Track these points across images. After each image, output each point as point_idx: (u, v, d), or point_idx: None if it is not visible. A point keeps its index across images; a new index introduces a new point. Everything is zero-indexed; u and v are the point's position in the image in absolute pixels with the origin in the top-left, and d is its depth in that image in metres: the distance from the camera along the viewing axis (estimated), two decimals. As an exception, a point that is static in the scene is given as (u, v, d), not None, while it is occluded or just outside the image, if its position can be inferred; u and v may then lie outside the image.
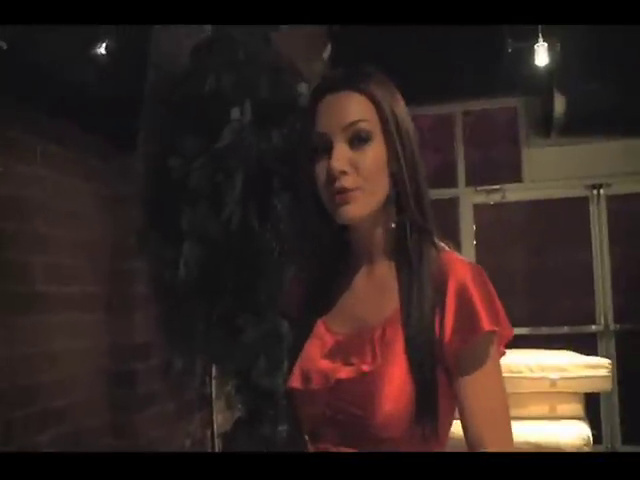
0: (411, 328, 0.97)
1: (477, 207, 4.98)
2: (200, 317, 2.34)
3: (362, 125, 1.00)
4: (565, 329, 4.72)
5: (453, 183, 4.91)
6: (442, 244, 1.06)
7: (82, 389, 2.13)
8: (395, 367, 0.96)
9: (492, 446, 0.96)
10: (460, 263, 1.00)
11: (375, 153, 1.00)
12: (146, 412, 2.33)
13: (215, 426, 2.76)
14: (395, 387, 0.95)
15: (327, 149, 1.00)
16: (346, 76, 1.04)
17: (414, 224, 1.02)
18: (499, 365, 1.01)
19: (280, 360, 2.33)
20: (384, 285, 1.04)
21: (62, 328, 2.05)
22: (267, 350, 2.31)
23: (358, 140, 1.00)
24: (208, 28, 2.54)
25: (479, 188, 4.96)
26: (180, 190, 2.29)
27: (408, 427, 0.95)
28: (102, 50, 2.12)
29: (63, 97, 1.96)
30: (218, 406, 2.75)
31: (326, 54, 2.39)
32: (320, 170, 1.01)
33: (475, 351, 0.97)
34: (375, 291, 1.05)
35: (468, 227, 4.95)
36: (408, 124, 1.04)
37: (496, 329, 0.97)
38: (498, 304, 0.99)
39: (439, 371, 0.97)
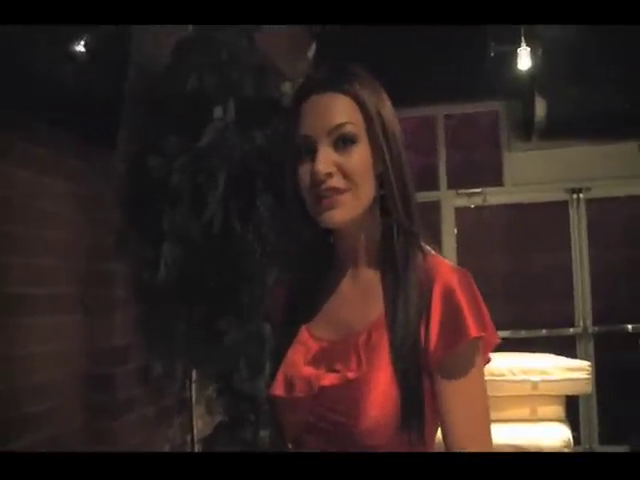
0: (396, 333, 0.96)
1: (458, 210, 5.00)
2: (180, 320, 2.30)
3: (347, 128, 0.98)
4: (544, 332, 4.76)
5: (435, 186, 4.92)
6: (428, 248, 1.04)
7: (59, 394, 2.08)
8: (380, 373, 0.94)
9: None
10: (447, 267, 0.98)
11: (361, 155, 0.98)
12: (125, 417, 2.29)
13: (195, 431, 2.72)
14: (380, 393, 0.93)
15: (311, 152, 0.98)
16: (331, 76, 1.01)
17: (401, 227, 1.00)
18: (483, 372, 0.99)
19: (262, 363, 2.29)
20: (369, 289, 1.02)
21: (40, 331, 2.00)
22: (249, 353, 2.27)
23: (343, 142, 0.98)
24: (190, 27, 2.50)
25: (460, 191, 4.98)
26: (161, 190, 2.25)
27: (394, 434, 0.93)
28: (82, 48, 2.08)
29: (42, 96, 1.91)
30: (198, 411, 2.71)
31: (311, 53, 2.37)
32: (304, 173, 0.99)
33: (460, 357, 0.95)
34: (360, 295, 1.03)
35: (449, 230, 4.96)
36: (394, 125, 1.02)
37: (483, 335, 0.96)
38: (485, 310, 0.97)
39: (425, 377, 0.96)
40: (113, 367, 2.25)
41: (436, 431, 1.01)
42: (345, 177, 0.97)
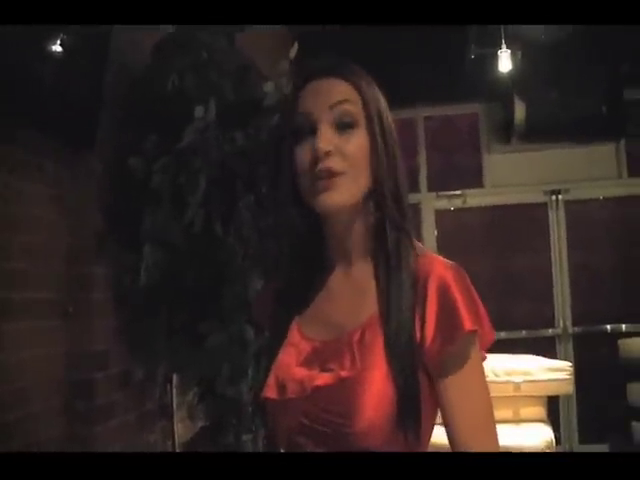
0: (391, 330, 0.94)
1: (439, 212, 5.02)
2: (162, 324, 2.26)
3: (347, 106, 0.98)
4: (523, 333, 4.78)
5: (415, 188, 4.93)
6: (420, 245, 1.03)
7: (39, 400, 2.03)
8: (375, 371, 0.93)
9: (478, 450, 0.94)
10: (441, 263, 0.98)
11: (359, 140, 0.98)
12: (105, 423, 2.24)
13: (176, 436, 2.68)
14: (376, 392, 0.92)
15: (311, 130, 0.97)
16: (332, 64, 1.02)
17: (392, 222, 0.99)
18: (482, 367, 0.99)
19: (244, 367, 2.27)
20: (362, 287, 1.01)
21: (19, 336, 1.95)
22: (231, 357, 2.24)
23: (343, 124, 0.97)
24: (170, 26, 2.47)
25: (441, 193, 5.00)
26: (141, 191, 2.21)
27: (389, 436, 0.92)
28: (59, 48, 2.04)
29: (19, 98, 1.87)
30: (179, 415, 2.67)
31: (293, 53, 2.35)
32: (303, 152, 0.97)
33: (457, 352, 0.94)
34: (352, 293, 1.02)
35: (430, 232, 4.97)
36: (389, 121, 1.02)
37: (477, 329, 0.95)
38: (480, 305, 0.97)
39: (421, 374, 0.95)
40: (93, 372, 2.20)
41: (432, 431, 1.00)
42: (344, 159, 0.96)
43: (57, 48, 2.04)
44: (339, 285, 1.03)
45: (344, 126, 0.97)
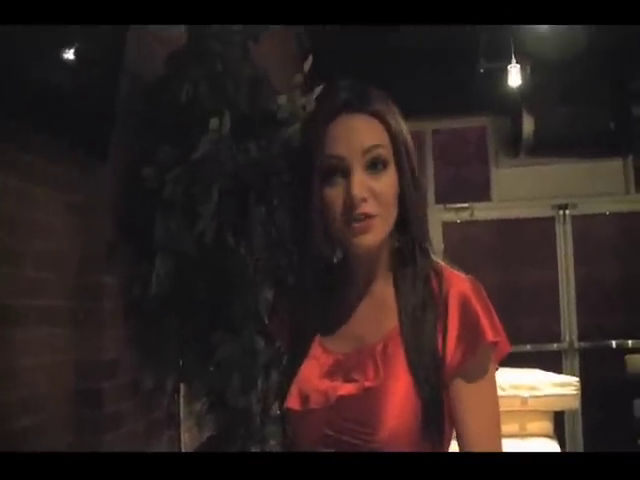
0: (412, 344, 0.97)
1: (446, 225, 5.03)
2: (172, 333, 2.26)
3: (380, 151, 0.99)
4: (528, 347, 4.77)
5: (422, 200, 4.93)
6: (438, 260, 1.06)
7: (46, 408, 2.03)
8: (398, 382, 0.95)
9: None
10: (458, 277, 1.01)
11: (389, 179, 1.00)
12: (113, 432, 2.24)
13: (182, 446, 2.68)
14: (398, 402, 0.94)
15: (344, 174, 0.98)
16: (356, 97, 1.01)
17: (418, 244, 1.03)
18: (495, 378, 1.02)
19: (254, 378, 2.26)
20: (383, 302, 1.03)
21: (27, 343, 1.96)
22: (241, 368, 2.24)
23: (375, 166, 0.99)
24: (184, 36, 2.49)
25: (448, 206, 5.01)
26: (154, 201, 2.22)
27: (414, 446, 0.94)
28: (74, 55, 2.05)
29: (33, 103, 1.88)
30: (186, 425, 2.66)
31: (307, 66, 2.36)
32: (335, 195, 0.99)
33: (476, 362, 0.97)
34: (374, 309, 1.04)
35: (437, 245, 4.97)
36: (412, 145, 1.04)
37: (498, 340, 0.98)
38: (496, 317, 1.00)
39: (443, 386, 0.97)
40: (102, 381, 2.20)
41: (451, 435, 1.02)
42: (377, 203, 0.98)
43: (72, 55, 2.06)
44: (361, 301, 1.06)
45: (376, 168, 0.99)
